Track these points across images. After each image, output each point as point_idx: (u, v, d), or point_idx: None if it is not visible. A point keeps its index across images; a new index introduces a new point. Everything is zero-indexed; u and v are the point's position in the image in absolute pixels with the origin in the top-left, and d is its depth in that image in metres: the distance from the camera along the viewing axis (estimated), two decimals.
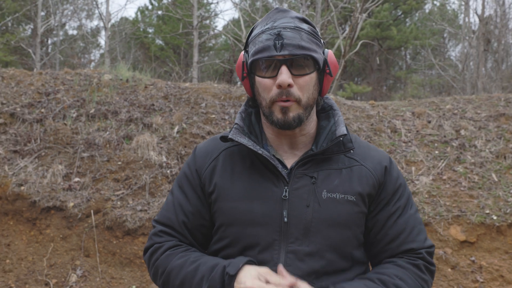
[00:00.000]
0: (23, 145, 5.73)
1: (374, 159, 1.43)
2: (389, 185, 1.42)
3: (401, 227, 1.40)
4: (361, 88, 19.24)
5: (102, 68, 8.54)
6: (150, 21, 24.14)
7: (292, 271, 1.28)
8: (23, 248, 4.82)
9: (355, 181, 1.37)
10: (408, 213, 1.42)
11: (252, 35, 1.37)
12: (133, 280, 4.62)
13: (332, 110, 1.46)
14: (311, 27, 1.35)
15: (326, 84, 1.40)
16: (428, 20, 21.24)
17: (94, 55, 26.73)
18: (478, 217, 5.11)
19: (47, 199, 5.05)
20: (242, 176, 1.37)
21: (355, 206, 1.35)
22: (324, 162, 1.38)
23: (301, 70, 1.30)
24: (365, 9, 11.64)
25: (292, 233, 1.31)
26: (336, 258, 1.33)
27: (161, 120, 6.29)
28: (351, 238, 1.36)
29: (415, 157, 6.17)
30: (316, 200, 1.33)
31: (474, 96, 8.19)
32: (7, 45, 18.90)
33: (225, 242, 1.37)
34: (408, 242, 1.39)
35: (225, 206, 1.36)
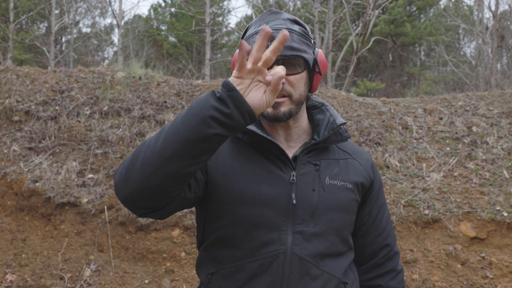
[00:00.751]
0: (38, 142, 5.82)
1: (363, 156, 1.57)
2: (376, 182, 1.57)
3: (385, 222, 1.59)
4: (374, 85, 19.14)
5: (115, 65, 8.61)
6: (163, 18, 24.24)
7: (299, 250, 1.35)
8: (38, 243, 4.90)
9: (351, 171, 1.49)
10: (387, 209, 1.62)
11: (246, 35, 1.44)
12: (146, 275, 4.68)
13: (324, 105, 1.57)
14: (302, 28, 1.42)
15: (316, 82, 1.48)
16: (443, 16, 21.02)
17: (107, 52, 26.94)
18: (489, 214, 5.08)
19: (61, 195, 5.12)
20: (250, 159, 1.42)
21: (352, 193, 1.46)
22: (324, 152, 1.48)
23: (292, 69, 1.37)
24: (377, 6, 11.58)
25: (299, 215, 1.37)
26: (337, 241, 1.42)
27: (173, 117, 6.33)
28: (348, 223, 1.46)
29: (426, 154, 6.15)
30: (321, 185, 1.41)
31: (487, 92, 8.11)
32: (22, 44, 19.13)
33: (230, 220, 1.38)
34: (389, 236, 1.59)
35: (233, 186, 1.38)
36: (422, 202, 5.30)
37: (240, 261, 1.36)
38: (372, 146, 6.28)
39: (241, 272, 1.36)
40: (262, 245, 1.35)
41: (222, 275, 1.39)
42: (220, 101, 1.10)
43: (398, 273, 1.60)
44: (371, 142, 6.33)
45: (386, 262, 1.59)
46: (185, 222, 4.98)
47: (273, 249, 1.34)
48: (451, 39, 21.94)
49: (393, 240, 1.61)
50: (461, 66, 19.03)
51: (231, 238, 1.38)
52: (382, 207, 1.59)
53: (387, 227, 1.59)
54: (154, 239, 4.90)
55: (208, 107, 1.09)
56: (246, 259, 1.35)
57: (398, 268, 1.61)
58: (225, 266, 1.39)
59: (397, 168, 5.92)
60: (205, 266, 1.45)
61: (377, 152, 6.14)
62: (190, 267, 4.73)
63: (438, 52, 21.91)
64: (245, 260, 1.36)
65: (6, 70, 7.13)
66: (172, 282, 4.64)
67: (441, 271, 4.73)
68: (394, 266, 1.60)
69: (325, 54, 12.58)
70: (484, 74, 16.57)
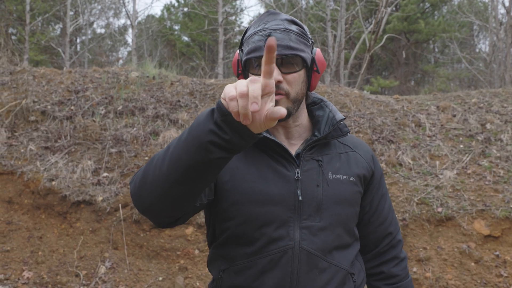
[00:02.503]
0: (53, 142, 5.90)
1: (363, 148, 1.61)
2: (377, 172, 1.61)
3: (388, 210, 1.64)
4: (388, 83, 19.02)
5: (129, 65, 8.69)
6: (176, 18, 24.34)
7: (307, 245, 1.40)
8: (54, 240, 4.98)
9: (352, 164, 1.53)
10: (389, 198, 1.66)
11: (246, 36, 1.48)
12: (160, 272, 4.72)
13: (323, 101, 1.60)
14: (299, 28, 1.46)
15: (314, 80, 1.50)
16: (457, 13, 20.80)
17: (121, 53, 27.13)
18: (503, 212, 5.02)
19: (77, 193, 5.20)
20: (255, 160, 1.46)
21: (355, 186, 1.51)
22: (325, 147, 1.52)
23: (290, 68, 1.40)
24: (390, 3, 11.52)
25: (305, 210, 1.42)
26: (343, 233, 1.47)
27: (187, 116, 6.38)
28: (353, 215, 1.51)
29: (440, 151, 6.10)
30: (325, 180, 1.46)
31: (501, 89, 8.02)
32: (37, 45, 19.35)
33: (240, 219, 1.42)
34: (391, 225, 1.64)
35: (240, 186, 1.43)
36: (435, 200, 5.26)
37: (251, 257, 1.41)
38: (385, 143, 6.26)
39: (252, 268, 1.41)
40: (271, 242, 1.40)
41: (234, 271, 1.44)
42: (217, 126, 1.05)
43: (401, 260, 1.64)
44: (384, 140, 6.31)
45: (389, 250, 1.63)
46: (198, 220, 5.03)
47: (282, 245, 1.39)
48: (465, 35, 21.68)
49: (395, 228, 1.65)
50: (475, 63, 18.84)
51: (241, 237, 1.43)
52: (384, 196, 1.63)
53: (389, 216, 1.64)
54: (168, 237, 4.94)
55: (206, 132, 1.06)
56: (256, 256, 1.40)
57: (401, 256, 1.65)
58: (236, 263, 1.43)
59: (410, 166, 5.89)
60: (217, 263, 1.49)
61: (390, 150, 6.12)
62: (204, 265, 4.77)
63: (452, 49, 21.70)
64: (255, 257, 1.41)
65: (22, 71, 7.24)
66: (186, 280, 4.68)
67: (454, 270, 4.69)
68: (397, 254, 1.64)
69: (337, 52, 12.54)
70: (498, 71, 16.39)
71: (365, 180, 1.56)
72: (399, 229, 1.68)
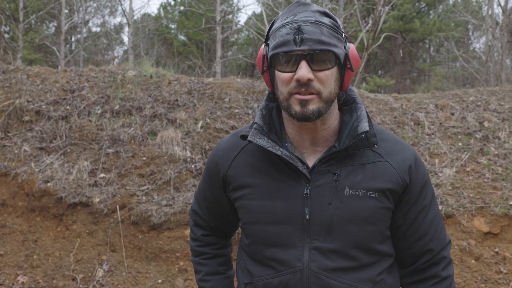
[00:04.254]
0: (49, 142, 5.80)
1: (399, 156, 1.41)
2: (416, 183, 1.42)
3: (429, 225, 1.44)
4: (384, 81, 19.05)
5: (126, 64, 8.59)
6: (173, 16, 24.25)
7: (317, 267, 1.32)
8: (50, 244, 4.88)
9: (378, 177, 1.36)
10: (434, 209, 1.45)
11: (272, 29, 1.36)
12: (159, 275, 4.64)
13: (355, 103, 1.44)
14: (332, 21, 1.32)
15: (347, 79, 1.38)
16: (452, 12, 20.87)
17: (117, 51, 27.02)
18: (502, 209, 5.09)
19: (73, 195, 5.10)
20: (263, 174, 1.39)
21: (378, 202, 1.35)
22: (347, 158, 1.37)
23: (321, 65, 1.28)
24: (388, 2, 11.46)
25: (314, 230, 1.33)
26: (360, 255, 1.34)
27: (185, 116, 6.30)
28: (375, 233, 1.37)
29: (439, 149, 6.14)
30: (338, 197, 1.33)
31: (498, 87, 8.11)
32: (31, 43, 19.20)
33: (251, 239, 1.41)
34: (433, 240, 1.44)
35: (249, 205, 1.39)
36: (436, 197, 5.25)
37: (266, 275, 1.39)
38: None
39: (268, 286, 1.39)
40: (280, 263, 1.35)
41: (254, 286, 1.43)
42: None
43: (442, 279, 1.46)
44: None
45: (429, 268, 1.46)
46: None
47: (290, 267, 1.34)
48: (460, 34, 21.76)
49: (438, 244, 1.46)
50: (471, 62, 18.87)
51: (255, 255, 1.42)
52: (425, 209, 1.44)
53: (430, 231, 1.44)
54: (167, 238, 4.86)
55: None
56: (268, 275, 1.38)
57: (443, 275, 1.46)
58: (255, 279, 1.43)
59: None
60: (242, 275, 1.50)
61: None
62: None
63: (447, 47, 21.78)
64: (267, 276, 1.38)
65: (16, 70, 7.12)
66: (186, 282, 4.60)
67: (455, 267, 4.74)
68: (437, 272, 1.46)
69: None
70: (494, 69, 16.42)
71: (393, 195, 1.38)
72: (445, 245, 1.48)
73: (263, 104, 1.46)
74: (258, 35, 15.77)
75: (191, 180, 5.39)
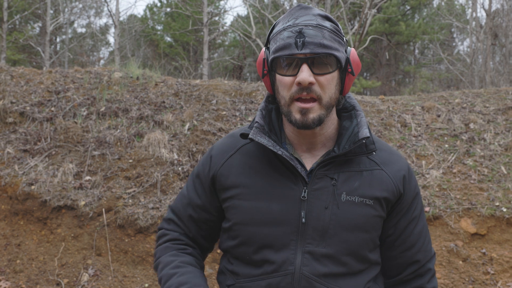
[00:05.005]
0: (33, 144, 5.71)
1: (394, 166, 1.43)
2: (408, 194, 1.43)
3: (417, 236, 1.45)
4: (370, 83, 19.17)
5: (112, 65, 8.51)
6: (159, 18, 24.14)
7: (308, 271, 1.30)
8: (34, 248, 4.80)
9: (374, 185, 1.37)
10: (422, 221, 1.47)
11: (273, 32, 1.35)
12: (146, 279, 4.59)
13: (354, 110, 1.44)
14: (334, 25, 1.32)
15: (348, 83, 1.37)
16: (436, 15, 21.12)
17: (103, 53, 26.80)
18: (488, 210, 5.15)
19: (58, 198, 5.02)
20: (260, 174, 1.36)
21: (373, 209, 1.35)
22: (345, 164, 1.37)
23: (322, 68, 1.27)
24: (374, 5, 11.53)
25: (309, 234, 1.31)
26: (352, 261, 1.34)
27: (172, 118, 6.25)
28: (368, 241, 1.36)
29: (425, 151, 6.19)
30: (335, 202, 1.32)
31: (483, 90, 8.22)
32: (15, 44, 18.96)
33: (240, 240, 1.37)
34: (420, 252, 1.45)
35: (242, 205, 1.36)
36: (423, 199, 5.31)
37: (252, 278, 1.35)
38: None
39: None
40: (270, 265, 1.32)
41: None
42: None
43: None
44: None
45: (414, 279, 1.47)
46: None
47: (281, 270, 1.31)
48: (445, 37, 22.03)
49: (425, 256, 1.47)
50: (456, 64, 19.08)
51: (243, 257, 1.37)
52: (414, 220, 1.45)
53: (418, 242, 1.45)
54: (154, 241, 4.81)
55: None
56: (256, 277, 1.34)
57: (428, 287, 1.46)
58: (240, 281, 1.38)
59: None
60: (225, 277, 1.45)
61: None
62: None
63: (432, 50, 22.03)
64: (255, 278, 1.34)
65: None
66: None
67: (443, 268, 4.76)
68: (423, 284, 1.46)
69: None
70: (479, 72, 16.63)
71: (387, 203, 1.39)
72: (431, 257, 1.49)
73: (263, 105, 1.45)
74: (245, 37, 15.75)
75: (178, 183, 5.34)
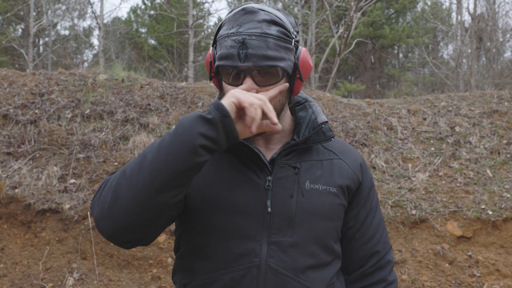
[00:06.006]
0: (16, 147, 5.64)
1: (351, 156, 1.45)
2: (365, 183, 1.45)
3: (376, 227, 1.45)
4: (355, 87, 19.29)
5: (97, 68, 8.45)
6: (143, 21, 24.01)
7: (275, 263, 1.25)
8: (17, 252, 4.74)
9: (335, 173, 1.37)
10: (379, 212, 1.48)
11: (219, 34, 1.30)
12: (132, 282, 4.55)
13: (307, 101, 1.45)
14: (281, 29, 1.26)
15: (297, 87, 1.34)
16: (421, 18, 21.35)
17: (86, 55, 26.58)
18: (474, 213, 5.20)
19: (42, 201, 4.96)
20: (224, 165, 1.32)
21: (337, 198, 1.35)
22: (305, 153, 1.37)
23: (267, 79, 1.25)
24: (359, 8, 11.62)
25: (275, 223, 1.27)
26: (319, 251, 1.31)
27: (157, 120, 6.22)
28: (332, 230, 1.35)
29: (412, 154, 6.23)
30: (300, 190, 1.30)
31: (468, 93, 8.30)
32: None
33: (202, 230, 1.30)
34: (380, 243, 1.45)
35: (205, 194, 1.29)
36: (409, 202, 5.34)
37: (212, 273, 1.28)
38: (358, 147, 6.28)
39: (213, 285, 1.27)
40: (234, 257, 1.26)
41: (195, 286, 1.31)
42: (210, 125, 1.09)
43: (389, 283, 1.46)
44: (356, 143, 6.33)
45: (375, 272, 1.45)
46: (171, 227, 4.87)
47: (246, 262, 1.25)
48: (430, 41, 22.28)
49: (384, 247, 1.47)
50: (441, 67, 19.30)
51: (203, 249, 1.30)
52: (372, 210, 1.46)
53: (377, 233, 1.46)
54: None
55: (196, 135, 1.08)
56: (218, 271, 1.27)
57: (390, 279, 1.46)
58: (198, 278, 1.30)
59: (383, 169, 5.93)
60: (180, 275, 1.37)
61: (363, 153, 6.14)
62: None
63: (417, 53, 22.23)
64: (217, 273, 1.27)
65: None
66: None
67: (429, 271, 4.78)
68: (385, 276, 1.45)
69: None
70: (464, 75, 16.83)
71: (349, 192, 1.40)
72: (389, 248, 1.49)
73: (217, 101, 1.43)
74: None
75: None
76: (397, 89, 20.16)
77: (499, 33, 19.04)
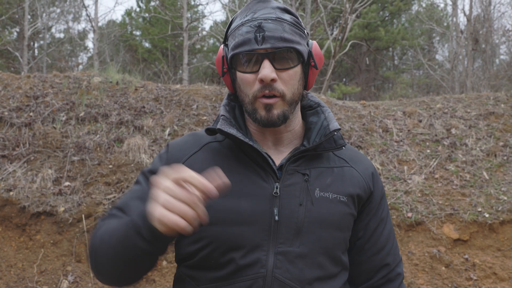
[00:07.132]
0: (11, 150, 5.62)
1: (362, 164, 1.39)
2: (377, 193, 1.39)
3: (386, 238, 1.39)
4: (350, 89, 19.28)
5: (91, 70, 8.43)
6: (137, 23, 24.00)
7: (282, 274, 1.19)
8: (12, 255, 4.71)
9: (346, 181, 1.32)
10: (390, 223, 1.42)
11: (231, 28, 1.28)
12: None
13: (320, 106, 1.40)
14: (293, 17, 1.26)
15: (312, 78, 1.32)
16: (416, 20, 21.41)
17: (81, 58, 26.51)
18: (471, 215, 5.15)
19: (36, 204, 4.95)
20: (227, 171, 1.21)
21: (347, 207, 1.29)
22: (315, 159, 1.32)
23: (284, 63, 1.22)
24: (354, 10, 11.64)
25: (282, 233, 1.21)
26: (327, 262, 1.26)
27: (152, 123, 6.21)
28: (341, 241, 1.29)
29: (407, 156, 6.19)
30: (309, 198, 1.25)
31: (464, 95, 8.27)
32: None
33: (205, 242, 1.23)
34: (390, 255, 1.39)
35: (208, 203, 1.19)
36: (405, 205, 5.31)
37: (217, 283, 1.22)
38: None
39: None
40: (240, 268, 1.20)
41: None
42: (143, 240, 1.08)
43: None
44: (352, 146, 6.32)
45: (385, 285, 1.38)
46: None
47: (251, 273, 1.19)
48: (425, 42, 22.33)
49: (394, 259, 1.40)
50: (436, 69, 19.34)
51: (209, 260, 1.24)
52: (383, 221, 1.40)
53: (387, 244, 1.39)
54: None
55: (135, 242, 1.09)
56: (223, 282, 1.22)
57: None
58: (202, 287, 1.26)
59: (379, 171, 5.91)
60: (183, 284, 1.31)
61: None
62: (172, 276, 4.61)
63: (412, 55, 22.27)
64: (222, 283, 1.22)
65: None
66: None
67: (425, 274, 4.75)
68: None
69: None
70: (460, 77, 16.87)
71: (359, 201, 1.34)
72: (399, 261, 1.42)
73: (226, 102, 1.38)
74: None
75: None
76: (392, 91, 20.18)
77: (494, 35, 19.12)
